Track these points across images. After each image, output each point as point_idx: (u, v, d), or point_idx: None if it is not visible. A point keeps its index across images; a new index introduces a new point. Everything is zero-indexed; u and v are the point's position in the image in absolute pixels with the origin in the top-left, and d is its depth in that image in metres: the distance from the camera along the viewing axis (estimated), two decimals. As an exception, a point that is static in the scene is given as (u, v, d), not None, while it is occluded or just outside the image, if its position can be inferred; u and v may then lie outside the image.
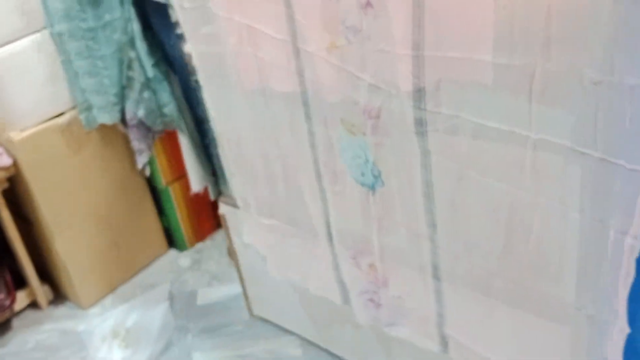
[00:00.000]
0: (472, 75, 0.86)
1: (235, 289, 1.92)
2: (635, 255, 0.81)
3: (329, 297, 1.43)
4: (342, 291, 1.40)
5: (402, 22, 0.88)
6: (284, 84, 1.19)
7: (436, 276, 1.15)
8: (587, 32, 0.73)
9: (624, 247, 0.81)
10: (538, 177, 0.88)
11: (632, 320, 0.86)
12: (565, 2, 0.74)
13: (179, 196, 2.15)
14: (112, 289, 2.06)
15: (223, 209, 1.70)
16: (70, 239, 1.91)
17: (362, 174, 1.16)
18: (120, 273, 2.08)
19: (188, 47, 1.38)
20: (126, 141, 1.93)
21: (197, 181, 1.80)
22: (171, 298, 2.00)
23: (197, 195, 1.86)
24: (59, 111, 1.79)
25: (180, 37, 1.40)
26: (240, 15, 1.15)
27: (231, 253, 1.81)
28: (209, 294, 2.00)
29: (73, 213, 1.90)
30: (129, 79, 1.77)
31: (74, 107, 1.80)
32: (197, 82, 1.42)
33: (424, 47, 0.88)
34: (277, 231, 1.47)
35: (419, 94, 0.94)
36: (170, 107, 1.84)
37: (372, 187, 1.16)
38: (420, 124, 0.97)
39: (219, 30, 1.24)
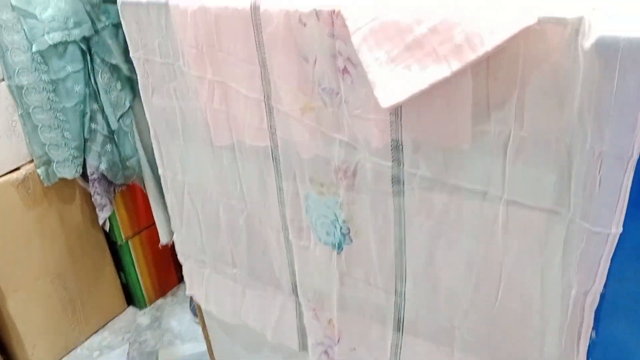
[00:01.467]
0: (451, 140, 0.91)
1: (199, 347, 1.89)
2: (594, 309, 0.86)
3: (287, 343, 1.44)
4: (301, 338, 1.41)
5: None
6: (254, 140, 1.21)
7: (398, 328, 1.17)
8: (560, 100, 0.79)
9: (585, 304, 0.86)
10: (510, 235, 0.92)
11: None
12: (537, 71, 0.80)
13: (139, 251, 2.13)
14: (67, 351, 2.00)
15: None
16: (23, 299, 1.86)
17: (327, 233, 1.19)
18: (76, 334, 2.03)
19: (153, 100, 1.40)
20: (84, 195, 1.92)
21: (165, 233, 1.80)
22: (130, 360, 1.97)
23: (157, 248, 1.86)
24: (15, 166, 1.77)
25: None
26: (212, 74, 1.18)
27: (197, 308, 1.79)
28: (171, 354, 1.97)
29: (26, 271, 1.86)
30: (92, 132, 1.77)
31: (30, 161, 1.78)
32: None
33: (401, 113, 0.93)
34: (238, 281, 1.48)
35: (396, 154, 0.98)
36: (133, 160, 1.84)
37: (338, 246, 1.19)
38: (396, 183, 1.00)
39: (188, 86, 1.26)
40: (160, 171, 1.45)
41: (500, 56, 0.81)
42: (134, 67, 1.34)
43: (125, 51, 1.75)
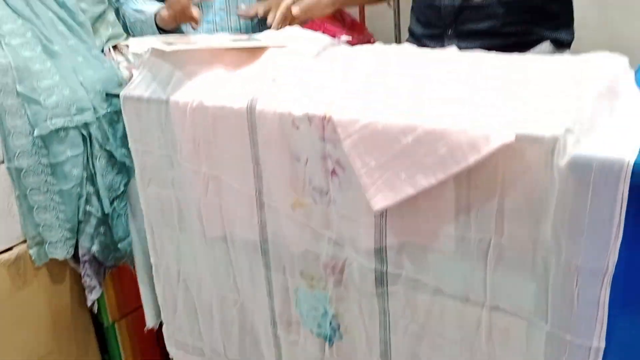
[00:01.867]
0: (434, 244, 0.94)
1: None
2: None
3: None
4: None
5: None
6: (246, 233, 1.24)
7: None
8: (537, 213, 0.83)
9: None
10: (493, 343, 0.94)
11: None
12: (515, 185, 0.84)
13: (125, 333, 2.10)
14: None
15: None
16: (4, 382, 1.83)
17: (319, 325, 1.19)
18: (56, 418, 1.97)
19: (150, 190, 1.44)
20: (73, 276, 1.91)
21: (152, 316, 1.79)
22: None
23: (143, 332, 1.84)
24: (7, 246, 1.78)
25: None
26: (207, 168, 1.22)
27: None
28: None
29: (10, 354, 1.83)
30: (86, 214, 1.79)
31: (23, 242, 1.79)
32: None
33: (387, 216, 0.96)
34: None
35: (380, 255, 1.01)
36: (125, 243, 1.85)
37: (329, 339, 1.19)
38: (380, 284, 1.03)
39: (184, 178, 1.30)
40: (152, 260, 1.47)
41: (481, 169, 0.85)
42: (129, 152, 1.38)
43: (122, 138, 1.80)
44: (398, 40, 2.58)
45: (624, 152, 0.73)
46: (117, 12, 1.70)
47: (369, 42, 2.65)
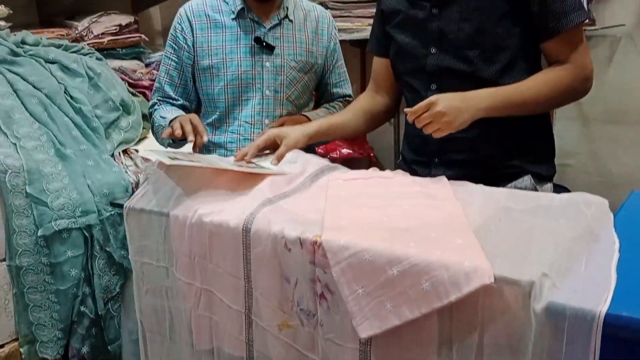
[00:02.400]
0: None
1: None
2: None
3: None
4: None
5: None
6: (233, 349, 1.24)
7: None
8: (516, 350, 0.84)
9: None
10: None
11: None
12: (494, 322, 0.86)
13: None
14: None
15: None
16: None
17: None
18: None
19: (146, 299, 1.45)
20: (61, 375, 1.89)
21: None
22: None
23: None
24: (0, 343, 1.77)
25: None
26: (201, 282, 1.24)
27: None
28: None
29: None
30: (80, 315, 1.79)
31: (15, 339, 1.78)
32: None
33: (371, 343, 0.97)
34: None
35: (364, 383, 1.01)
36: (115, 345, 1.84)
37: None
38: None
39: (178, 290, 1.32)
40: (141, 364, 1.46)
41: (463, 304, 0.88)
42: (127, 254, 1.40)
43: (122, 239, 1.84)
44: (397, 155, 2.66)
45: (597, 302, 0.75)
46: (149, 115, 1.80)
47: (369, 156, 2.74)
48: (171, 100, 1.75)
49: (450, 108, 1.24)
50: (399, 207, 1.12)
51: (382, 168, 2.06)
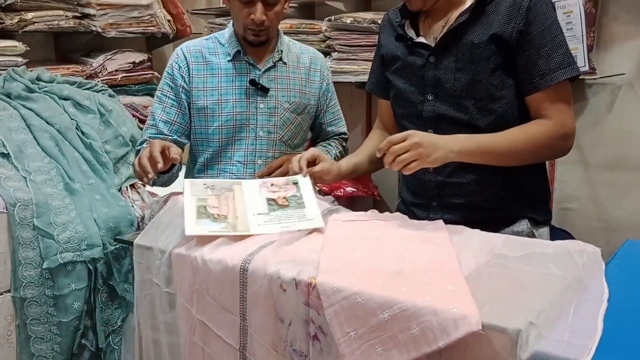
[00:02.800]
0: None
1: None
2: None
3: None
4: None
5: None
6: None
7: None
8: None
9: None
10: None
11: None
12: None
13: None
14: None
15: None
16: None
17: None
18: None
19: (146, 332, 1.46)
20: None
21: None
22: None
23: None
24: (0, 376, 1.78)
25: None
26: (197, 311, 1.24)
27: None
28: None
29: None
30: (80, 347, 1.80)
31: (16, 371, 1.79)
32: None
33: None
34: None
35: None
36: (115, 379, 1.85)
37: None
38: None
39: (178, 320, 1.32)
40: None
41: (452, 349, 0.88)
42: (130, 287, 1.41)
43: (126, 273, 1.86)
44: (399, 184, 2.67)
45: (581, 352, 0.76)
46: (136, 154, 1.82)
47: (372, 194, 2.75)
48: (162, 137, 1.71)
49: (428, 142, 1.26)
50: (393, 250, 1.13)
51: (386, 207, 2.07)
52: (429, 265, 1.05)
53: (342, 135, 1.93)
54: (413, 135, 1.26)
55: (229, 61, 1.72)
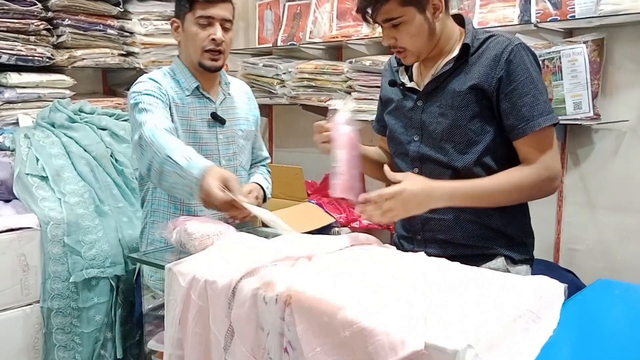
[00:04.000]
0: None
1: None
2: None
3: None
4: None
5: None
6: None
7: None
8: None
9: None
10: None
11: None
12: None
13: None
14: None
15: None
16: None
17: None
18: None
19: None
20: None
21: None
22: None
23: None
24: (26, 378, 1.91)
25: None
26: (198, 298, 1.33)
27: None
28: None
29: None
30: (100, 357, 1.93)
31: (40, 377, 1.92)
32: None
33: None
34: None
35: None
36: (130, 389, 1.96)
37: None
38: None
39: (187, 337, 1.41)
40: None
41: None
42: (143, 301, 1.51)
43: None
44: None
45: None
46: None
47: (388, 228, 2.82)
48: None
49: (414, 201, 1.36)
50: (364, 276, 1.21)
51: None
52: (391, 289, 1.12)
53: (266, 160, 2.03)
54: (402, 192, 1.34)
55: (187, 96, 1.75)
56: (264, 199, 1.87)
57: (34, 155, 2.06)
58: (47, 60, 2.58)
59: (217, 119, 1.77)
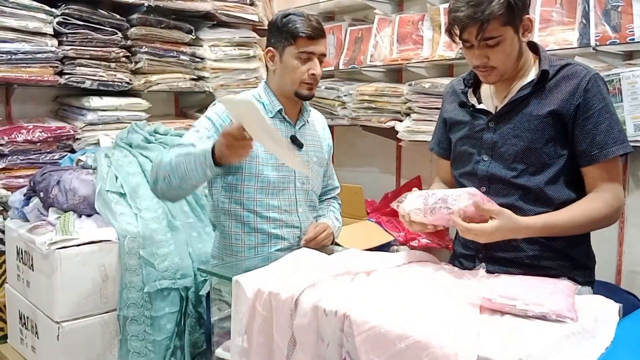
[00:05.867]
0: None
1: None
2: None
3: None
4: None
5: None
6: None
7: None
8: None
9: None
10: None
11: None
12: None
13: None
14: None
15: None
16: None
17: None
18: None
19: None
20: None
21: None
22: None
23: None
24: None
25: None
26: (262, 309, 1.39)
27: None
28: None
29: None
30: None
31: (117, 380, 2.04)
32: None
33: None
34: None
35: None
36: (197, 395, 2.05)
37: None
38: None
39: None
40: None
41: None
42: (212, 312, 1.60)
43: (207, 299, 2.06)
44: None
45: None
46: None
47: (447, 247, 2.83)
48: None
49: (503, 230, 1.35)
50: (418, 290, 1.25)
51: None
52: (446, 307, 1.16)
53: (336, 189, 2.07)
54: (498, 229, 1.34)
55: (270, 117, 1.81)
56: (332, 242, 1.90)
57: (114, 174, 2.20)
58: (126, 85, 2.76)
59: (296, 142, 1.84)
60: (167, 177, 1.65)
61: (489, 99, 1.59)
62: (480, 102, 1.60)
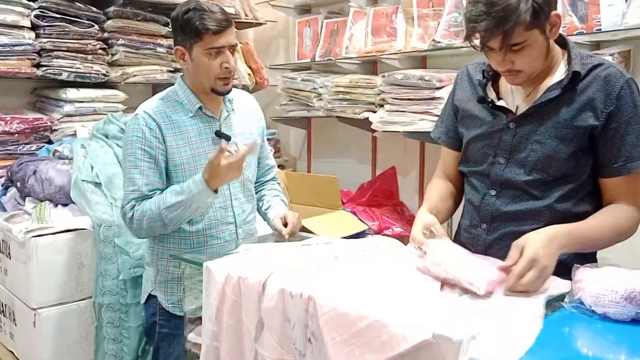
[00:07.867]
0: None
1: None
2: None
3: None
4: None
5: None
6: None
7: None
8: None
9: None
10: None
11: None
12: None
13: None
14: None
15: None
16: None
17: None
18: None
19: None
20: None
21: None
22: None
23: None
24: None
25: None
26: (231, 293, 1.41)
27: None
28: None
29: None
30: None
31: (92, 367, 2.04)
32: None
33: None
34: None
35: None
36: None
37: None
38: None
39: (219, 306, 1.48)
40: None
41: (413, 352, 1.01)
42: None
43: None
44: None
45: (510, 357, 0.87)
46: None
47: (421, 235, 2.85)
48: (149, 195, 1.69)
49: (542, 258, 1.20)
50: (381, 273, 1.28)
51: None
52: (407, 287, 1.19)
53: (272, 167, 1.99)
54: (537, 259, 1.18)
55: (191, 117, 1.73)
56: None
57: (89, 164, 2.19)
58: (103, 76, 2.74)
59: (222, 136, 1.75)
60: (163, 228, 1.65)
61: (509, 94, 1.45)
62: (499, 98, 1.46)
